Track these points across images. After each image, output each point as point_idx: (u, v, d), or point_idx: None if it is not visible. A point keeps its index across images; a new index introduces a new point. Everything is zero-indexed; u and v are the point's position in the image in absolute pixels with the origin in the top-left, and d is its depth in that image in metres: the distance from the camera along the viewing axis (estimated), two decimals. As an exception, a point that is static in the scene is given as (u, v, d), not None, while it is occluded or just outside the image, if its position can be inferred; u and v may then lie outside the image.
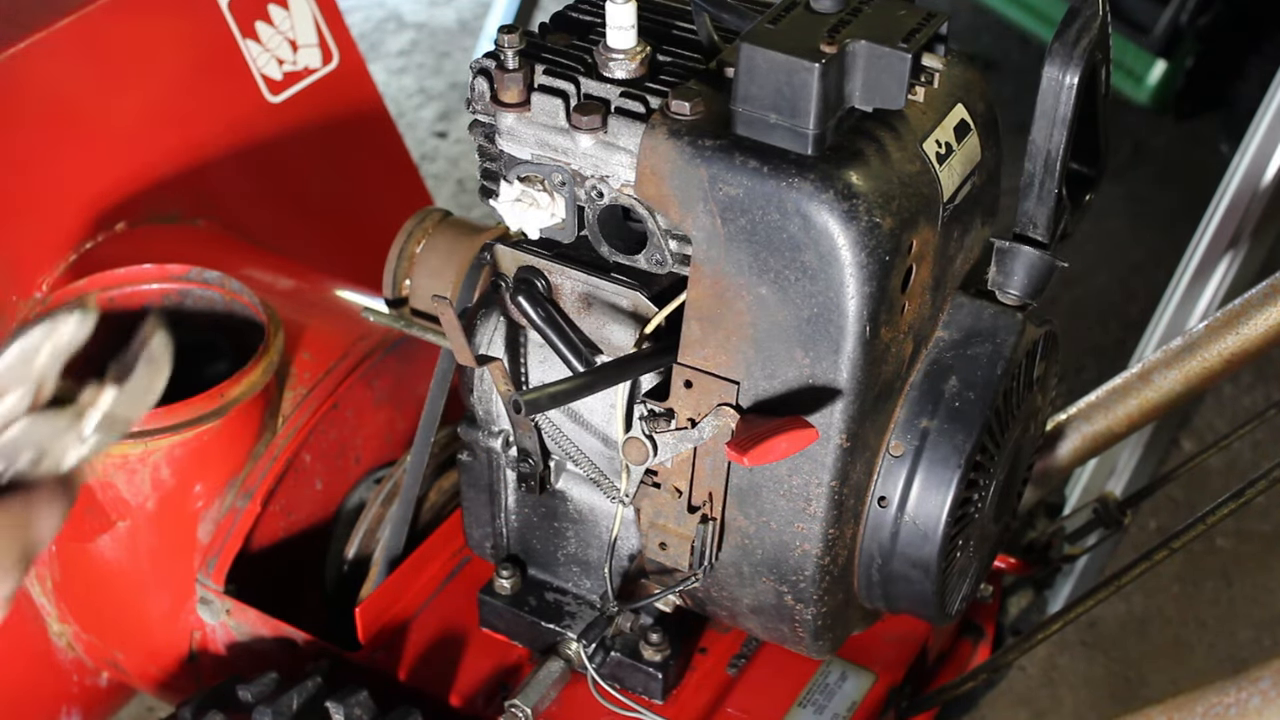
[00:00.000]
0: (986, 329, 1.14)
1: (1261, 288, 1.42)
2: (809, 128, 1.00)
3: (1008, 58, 3.72)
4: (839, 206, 1.00)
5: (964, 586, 1.24)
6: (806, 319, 1.04)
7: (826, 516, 1.11)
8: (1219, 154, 3.07)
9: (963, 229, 1.15)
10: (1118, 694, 2.42)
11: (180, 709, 1.31)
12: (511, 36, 1.09)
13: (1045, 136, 1.06)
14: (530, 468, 1.26)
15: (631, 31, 1.08)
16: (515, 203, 1.13)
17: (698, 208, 1.04)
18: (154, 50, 1.71)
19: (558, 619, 1.33)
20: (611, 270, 1.15)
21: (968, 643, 1.54)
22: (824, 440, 1.07)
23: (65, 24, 1.58)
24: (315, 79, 1.84)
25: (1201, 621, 2.54)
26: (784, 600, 1.16)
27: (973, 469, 1.13)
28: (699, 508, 1.15)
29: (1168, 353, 1.47)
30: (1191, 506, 2.61)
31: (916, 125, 1.09)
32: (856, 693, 1.36)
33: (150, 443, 1.40)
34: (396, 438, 1.63)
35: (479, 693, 1.35)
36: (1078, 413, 1.56)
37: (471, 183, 3.38)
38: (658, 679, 1.30)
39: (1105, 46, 1.09)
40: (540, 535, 1.33)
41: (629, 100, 1.08)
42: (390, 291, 1.43)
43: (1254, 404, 2.94)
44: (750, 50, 1.00)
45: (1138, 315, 2.95)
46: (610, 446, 1.22)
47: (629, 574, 1.28)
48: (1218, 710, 0.98)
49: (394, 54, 3.85)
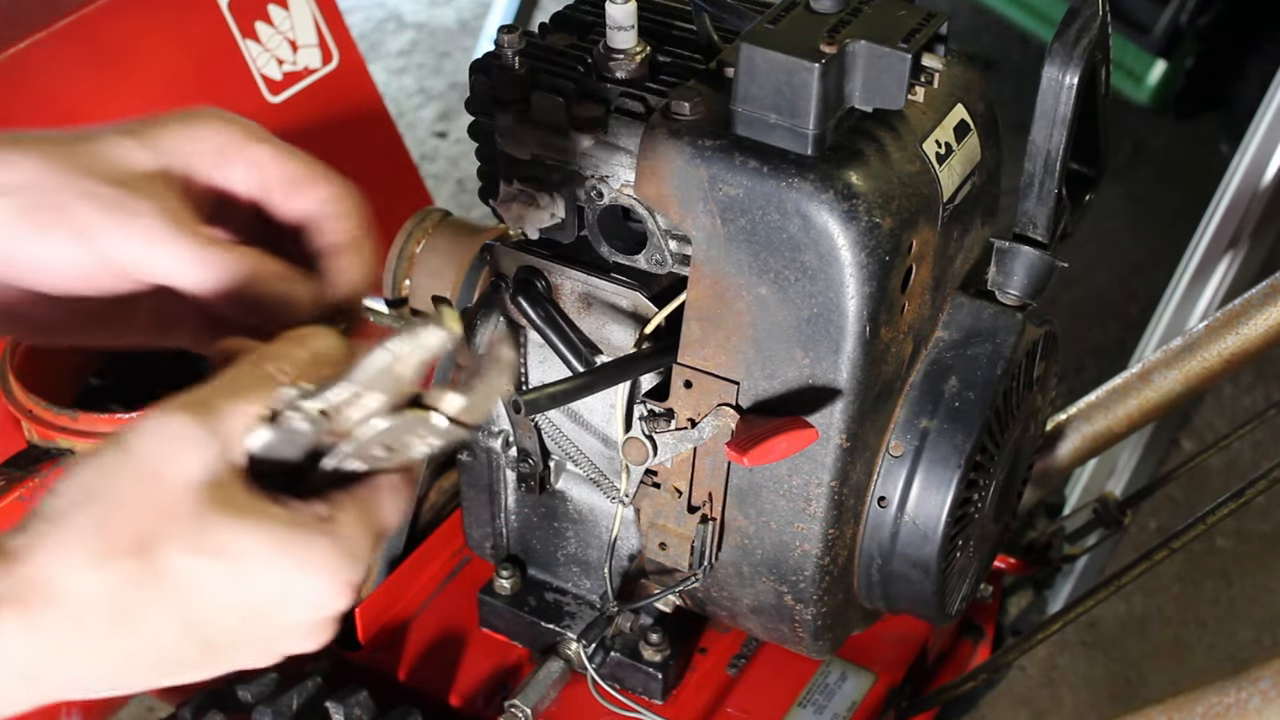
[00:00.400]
0: (986, 329, 1.14)
1: (1261, 288, 1.42)
2: (809, 128, 1.00)
3: (1008, 58, 3.72)
4: (839, 206, 1.00)
5: (964, 586, 1.24)
6: (806, 319, 1.04)
7: (826, 516, 1.11)
8: (1219, 154, 3.07)
9: (963, 229, 1.15)
10: (1118, 694, 2.42)
11: (180, 709, 1.31)
12: (511, 36, 1.09)
13: (1045, 136, 1.05)
14: (530, 468, 1.26)
15: (631, 31, 1.08)
16: (515, 203, 1.13)
17: (698, 208, 1.04)
18: (154, 50, 1.71)
19: (558, 619, 1.33)
20: (611, 270, 1.15)
21: (968, 643, 1.54)
22: (824, 440, 1.07)
23: (65, 24, 1.58)
24: (315, 79, 1.84)
25: (1201, 621, 2.54)
26: (784, 600, 1.16)
27: (973, 469, 1.13)
28: (699, 508, 1.16)
29: (1168, 353, 1.47)
30: (1191, 506, 2.61)
31: (916, 125, 1.09)
32: (856, 693, 1.36)
33: (150, 443, 1.40)
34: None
35: (479, 693, 1.35)
36: (1078, 413, 1.56)
37: (471, 183, 3.38)
38: (658, 679, 1.30)
39: (1105, 46, 1.09)
40: (540, 535, 1.33)
41: (629, 100, 1.08)
42: (390, 291, 1.43)
43: (1254, 404, 2.94)
44: (750, 50, 1.00)
45: (1138, 315, 2.95)
46: (610, 446, 1.22)
47: (629, 574, 1.28)
48: (1218, 710, 0.99)
49: (394, 54, 3.85)
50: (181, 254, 0.81)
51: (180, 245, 0.81)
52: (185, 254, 0.81)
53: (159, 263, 0.81)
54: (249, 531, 0.72)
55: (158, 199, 0.81)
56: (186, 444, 0.72)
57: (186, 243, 0.81)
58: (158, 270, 0.81)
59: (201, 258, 0.81)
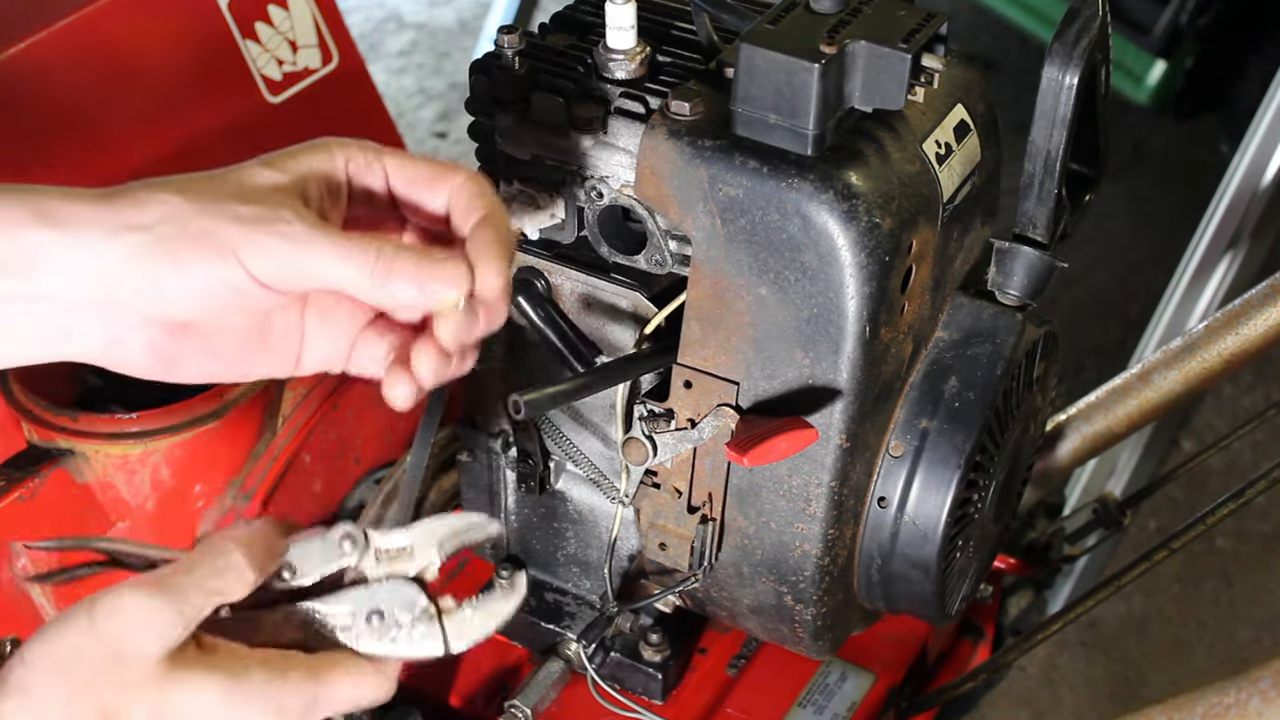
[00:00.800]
0: (986, 329, 1.14)
1: (1261, 288, 1.42)
2: (809, 128, 1.00)
3: (1008, 58, 3.72)
4: (839, 207, 1.00)
5: (964, 587, 1.24)
6: (806, 319, 1.04)
7: (826, 517, 1.11)
8: (1219, 154, 3.07)
9: (962, 229, 1.15)
10: (1118, 694, 2.42)
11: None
12: (511, 36, 1.09)
13: (1045, 137, 1.06)
14: (530, 468, 1.26)
15: (631, 32, 1.08)
16: (515, 203, 1.13)
17: (697, 208, 1.04)
18: (154, 50, 1.70)
19: (557, 619, 1.33)
20: (611, 271, 1.15)
21: (968, 643, 1.54)
22: (824, 440, 1.07)
23: (65, 24, 1.58)
24: (315, 79, 1.84)
25: (1201, 621, 2.54)
26: (784, 600, 1.16)
27: (973, 469, 1.13)
28: (699, 508, 1.16)
29: (1168, 353, 1.47)
30: (1191, 506, 2.61)
31: (916, 125, 1.09)
32: (856, 693, 1.36)
33: (150, 443, 1.40)
34: (396, 438, 1.63)
35: (479, 693, 1.35)
36: (1078, 413, 1.56)
37: (471, 183, 3.37)
38: (657, 679, 1.30)
39: (1105, 46, 1.09)
40: (540, 536, 1.33)
41: (629, 101, 1.08)
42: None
43: (1254, 404, 2.94)
44: (750, 50, 1.00)
45: (1138, 315, 2.95)
46: (610, 446, 1.22)
47: (629, 574, 1.28)
48: (1218, 710, 0.99)
49: (394, 54, 3.85)
50: (325, 250, 0.82)
51: (324, 243, 0.83)
52: (329, 249, 0.83)
53: (304, 262, 0.83)
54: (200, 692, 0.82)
55: (295, 208, 0.83)
56: (148, 624, 0.81)
57: (328, 239, 0.83)
58: (302, 270, 0.83)
59: (345, 250, 0.83)
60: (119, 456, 1.41)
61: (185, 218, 0.81)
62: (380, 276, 0.83)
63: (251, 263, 0.82)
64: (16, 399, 1.38)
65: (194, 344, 0.86)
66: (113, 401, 1.43)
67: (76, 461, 1.38)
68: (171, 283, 0.81)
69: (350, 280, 0.83)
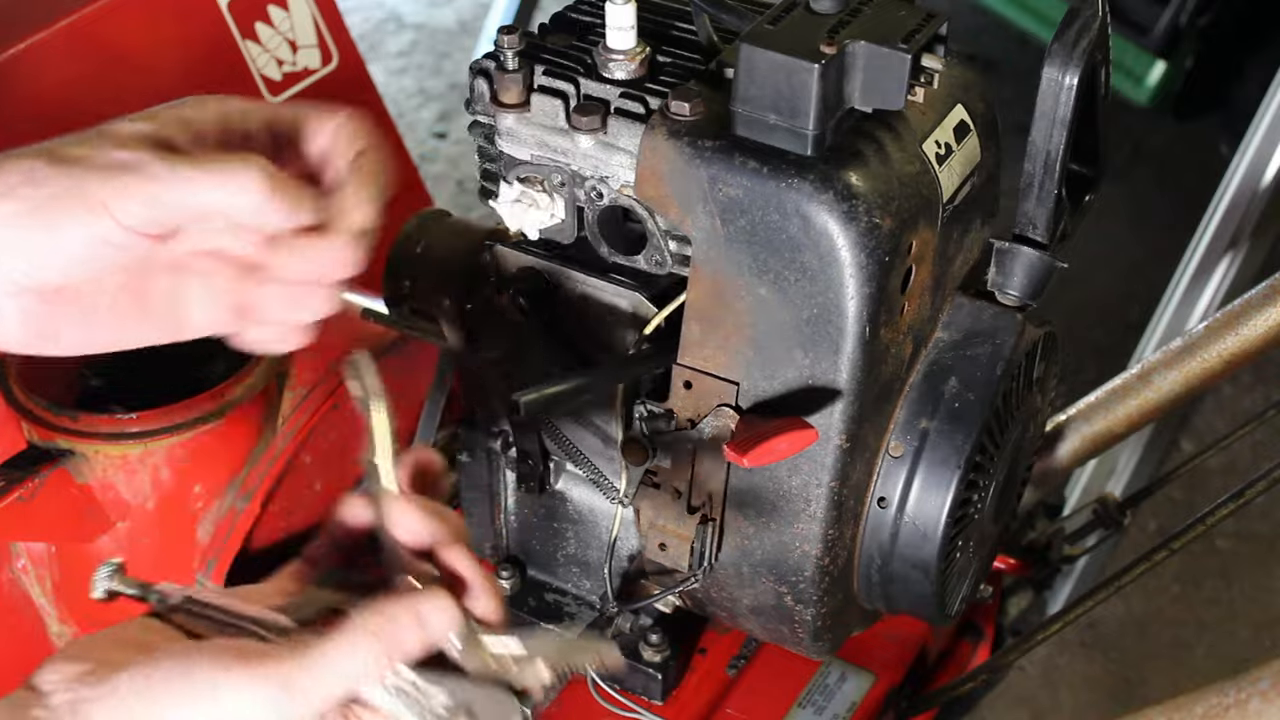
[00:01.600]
0: (986, 330, 1.14)
1: (1261, 288, 1.42)
2: (809, 128, 1.00)
3: (1008, 58, 3.72)
4: (839, 207, 1.00)
5: (964, 587, 1.24)
6: (806, 320, 1.04)
7: (826, 517, 1.11)
8: (1219, 154, 3.07)
9: (962, 229, 1.15)
10: (1118, 694, 2.42)
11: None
12: (511, 37, 1.09)
13: (1045, 137, 1.06)
14: (530, 468, 1.26)
15: (631, 32, 1.08)
16: (515, 203, 1.13)
17: (697, 208, 1.04)
18: (154, 50, 1.70)
19: (557, 619, 1.33)
20: (611, 271, 1.15)
21: (967, 643, 1.54)
22: (824, 441, 1.07)
23: (65, 24, 1.58)
24: (315, 80, 1.84)
25: (1201, 621, 2.54)
26: (784, 601, 1.16)
27: (972, 470, 1.13)
28: (699, 508, 1.15)
29: (1167, 353, 1.48)
30: (1191, 506, 2.60)
31: (916, 126, 1.09)
32: (856, 693, 1.36)
33: (150, 443, 1.40)
34: (397, 438, 1.62)
35: (479, 693, 1.35)
36: (1078, 413, 1.56)
37: (471, 183, 3.38)
38: (657, 680, 1.30)
39: (1105, 47, 1.09)
40: (540, 536, 1.33)
41: (629, 101, 1.08)
42: (390, 292, 1.43)
43: (1254, 404, 2.94)
44: (750, 51, 1.00)
45: (1138, 315, 2.94)
46: (610, 446, 1.22)
47: (629, 575, 1.28)
48: (1218, 710, 0.99)
49: (394, 54, 3.85)
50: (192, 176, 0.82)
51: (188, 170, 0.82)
52: (197, 175, 0.82)
53: (172, 196, 0.82)
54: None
55: (155, 151, 0.83)
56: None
57: (192, 166, 0.82)
58: (172, 205, 0.82)
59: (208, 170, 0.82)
60: (119, 457, 1.41)
61: (45, 178, 0.81)
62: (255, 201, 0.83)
63: (120, 211, 0.81)
64: (16, 399, 1.38)
65: (70, 310, 0.85)
66: (113, 401, 1.43)
67: (76, 462, 1.38)
68: (44, 244, 0.81)
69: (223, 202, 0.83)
